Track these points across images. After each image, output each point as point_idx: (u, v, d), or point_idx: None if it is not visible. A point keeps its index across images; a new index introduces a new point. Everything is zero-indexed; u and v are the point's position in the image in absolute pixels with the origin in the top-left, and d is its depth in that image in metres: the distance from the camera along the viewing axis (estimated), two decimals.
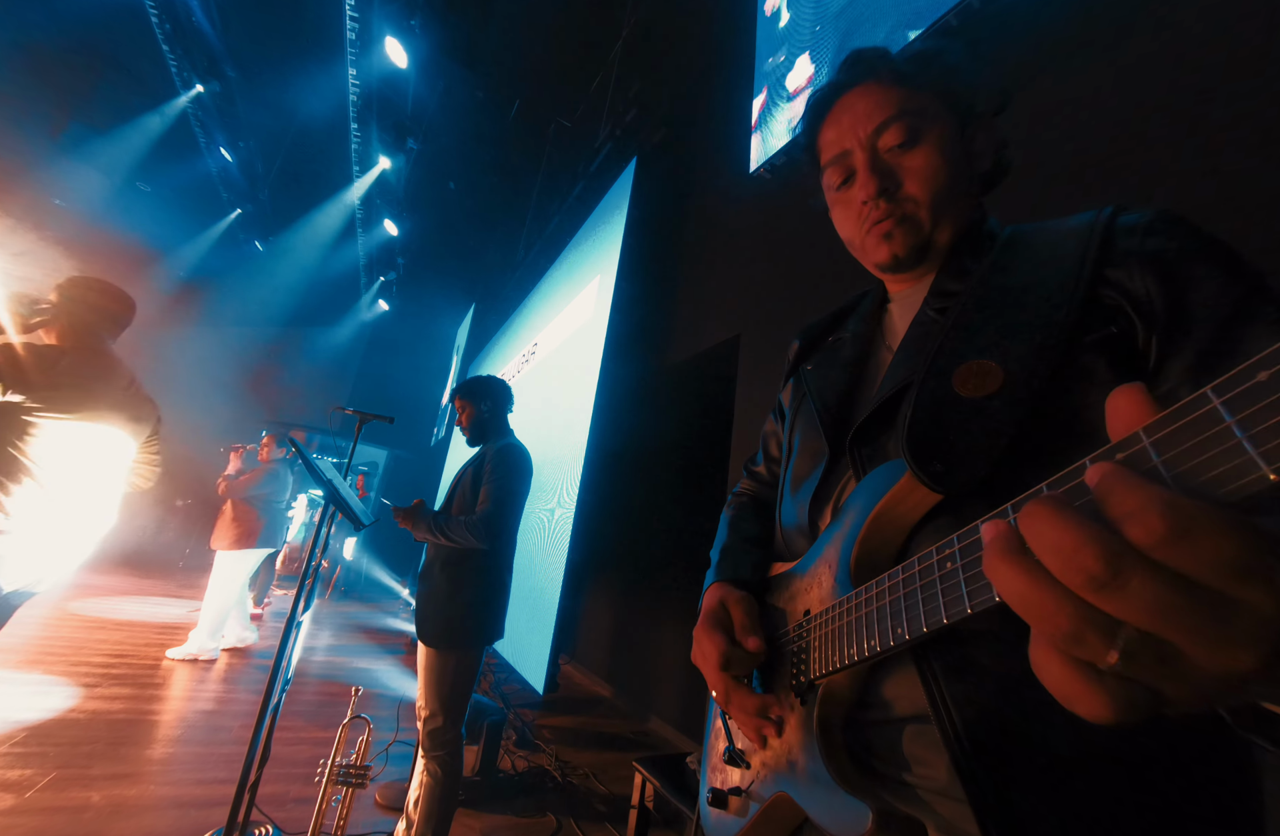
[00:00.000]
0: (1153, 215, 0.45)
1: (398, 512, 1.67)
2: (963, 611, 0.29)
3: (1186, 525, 0.18)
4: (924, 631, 0.33)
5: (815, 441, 0.58)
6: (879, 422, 0.51)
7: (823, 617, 0.46)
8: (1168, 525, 0.18)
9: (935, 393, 0.45)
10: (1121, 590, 0.18)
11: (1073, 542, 0.19)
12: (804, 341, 0.71)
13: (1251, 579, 0.17)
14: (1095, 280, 0.44)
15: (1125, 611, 0.19)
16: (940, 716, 0.40)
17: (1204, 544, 0.17)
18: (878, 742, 0.46)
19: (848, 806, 0.40)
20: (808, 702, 0.47)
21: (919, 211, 0.54)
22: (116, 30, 6.43)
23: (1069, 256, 0.46)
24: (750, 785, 0.53)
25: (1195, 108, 1.30)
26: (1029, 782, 0.37)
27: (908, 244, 0.55)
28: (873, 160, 0.55)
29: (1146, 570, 0.18)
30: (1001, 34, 1.84)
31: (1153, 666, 0.19)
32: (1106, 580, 0.18)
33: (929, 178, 0.53)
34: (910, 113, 0.54)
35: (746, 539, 0.68)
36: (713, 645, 0.53)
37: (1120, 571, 0.18)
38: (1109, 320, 0.42)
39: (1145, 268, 0.42)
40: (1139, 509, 0.18)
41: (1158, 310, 0.41)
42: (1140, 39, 1.46)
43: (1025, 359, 0.43)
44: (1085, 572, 0.19)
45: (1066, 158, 1.56)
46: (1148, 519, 0.18)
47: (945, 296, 0.53)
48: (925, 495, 0.42)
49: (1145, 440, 0.21)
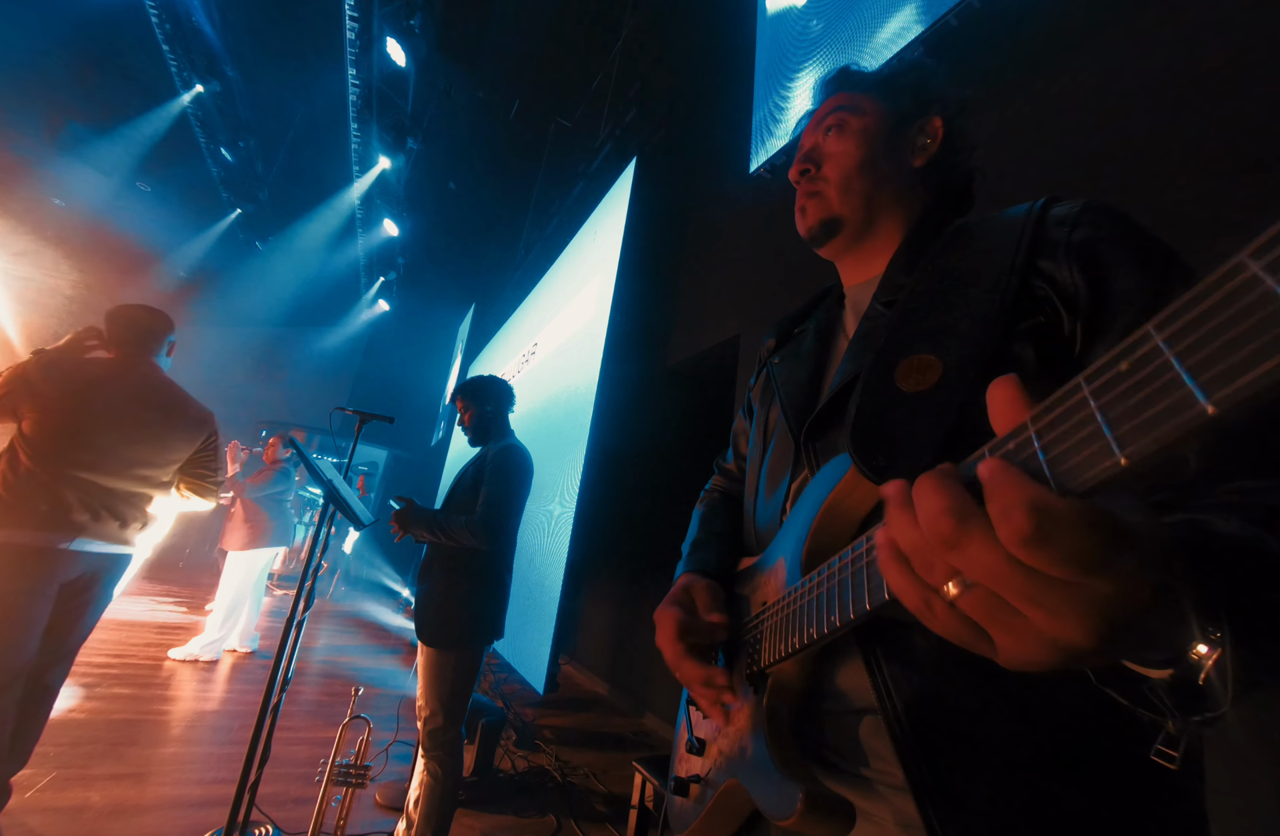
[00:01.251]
0: (1081, 206, 0.46)
1: (397, 514, 1.67)
2: (881, 597, 0.31)
3: (1049, 528, 0.20)
4: (851, 618, 0.34)
5: (786, 437, 0.58)
6: (830, 417, 0.53)
7: (774, 607, 0.47)
8: (1032, 526, 0.20)
9: (879, 388, 0.47)
10: (965, 552, 0.22)
11: (936, 508, 0.23)
12: (776, 335, 0.72)
13: (1098, 572, 0.20)
14: (1026, 270, 0.45)
15: (967, 570, 0.22)
16: (881, 697, 0.41)
17: (1062, 544, 0.20)
18: (835, 736, 0.47)
19: (782, 788, 0.41)
20: (759, 691, 0.48)
21: (827, 189, 0.60)
22: (116, 30, 6.43)
23: (1004, 248, 0.48)
24: (708, 773, 0.54)
25: (1196, 108, 1.30)
26: (966, 763, 0.38)
27: (816, 217, 0.61)
28: (809, 148, 0.63)
29: (986, 540, 0.21)
30: (1001, 34, 1.84)
31: (984, 611, 0.23)
32: (954, 542, 0.22)
33: (840, 160, 0.59)
34: (845, 107, 0.61)
35: (715, 534, 0.69)
36: (669, 617, 0.54)
37: (963, 537, 0.22)
38: (1038, 310, 0.43)
39: (1071, 258, 0.43)
40: (1010, 507, 0.21)
41: (1081, 299, 0.42)
42: (1140, 39, 1.46)
43: (962, 351, 0.44)
44: (939, 534, 0.23)
45: (1066, 156, 1.56)
46: (1015, 517, 0.20)
47: (893, 290, 0.54)
48: (870, 489, 0.43)
49: (1031, 429, 0.23)
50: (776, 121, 2.86)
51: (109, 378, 1.61)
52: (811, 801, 0.38)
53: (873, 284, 0.59)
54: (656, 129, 4.39)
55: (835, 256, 0.65)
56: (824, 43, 2.61)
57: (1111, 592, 0.20)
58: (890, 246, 0.59)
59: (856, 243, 0.61)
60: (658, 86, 4.69)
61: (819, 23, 2.68)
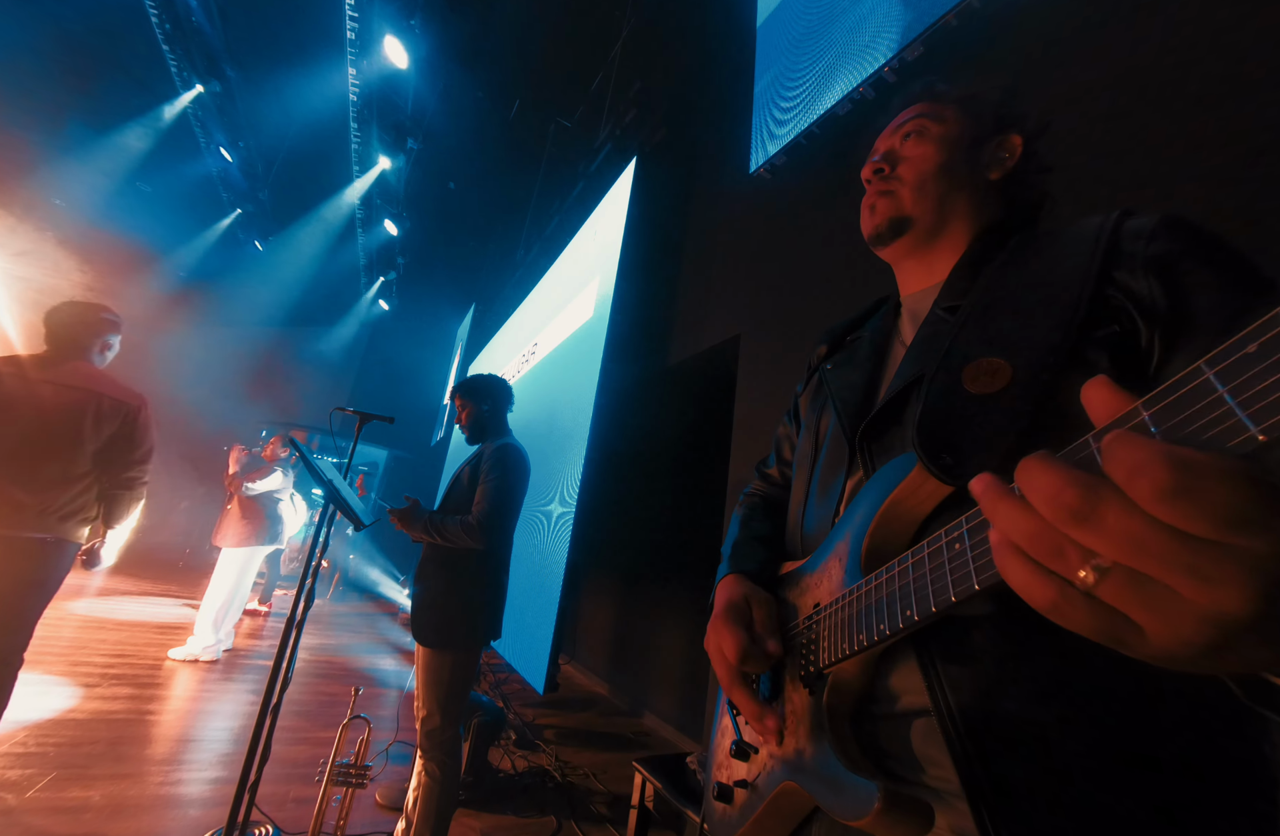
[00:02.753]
0: (1158, 219, 0.46)
1: (393, 514, 1.67)
2: (970, 588, 0.30)
3: (1192, 476, 0.18)
4: (932, 611, 0.33)
5: (839, 439, 0.58)
6: (888, 419, 0.53)
7: (832, 608, 0.47)
8: (1173, 477, 0.18)
9: (945, 388, 0.47)
10: (1101, 522, 0.20)
11: (1056, 483, 0.21)
12: (828, 342, 0.73)
13: (1250, 527, 0.18)
14: (1102, 280, 0.45)
15: (1102, 544, 0.20)
16: (936, 698, 0.41)
17: (1209, 496, 0.18)
18: (890, 742, 0.46)
19: (855, 787, 0.39)
20: (816, 692, 0.47)
21: (901, 189, 0.61)
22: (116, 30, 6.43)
23: (1078, 258, 0.48)
24: (757, 778, 0.53)
25: (1197, 107, 1.30)
26: (1025, 769, 0.37)
27: (885, 215, 0.61)
28: (885, 149, 0.64)
29: (1122, 505, 0.20)
30: (1002, 34, 1.84)
31: (1128, 593, 0.20)
32: (1086, 513, 0.20)
33: (918, 164, 0.61)
34: (927, 115, 0.63)
35: (756, 536, 0.69)
36: (733, 639, 0.52)
37: (1097, 506, 0.20)
38: (1113, 319, 0.43)
39: (1149, 270, 0.43)
40: (1145, 462, 0.19)
41: (1160, 311, 0.42)
42: (1140, 39, 1.46)
43: (1033, 356, 0.44)
44: (1066, 508, 0.21)
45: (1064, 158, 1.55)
46: (1154, 471, 0.19)
47: (956, 296, 0.55)
48: (936, 487, 0.43)
49: (1144, 413, 0.22)
50: (777, 121, 2.85)
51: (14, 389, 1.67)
52: (891, 799, 0.37)
53: (932, 292, 0.60)
54: (656, 129, 4.39)
55: (897, 259, 0.65)
56: (823, 42, 2.61)
57: (1268, 552, 0.18)
58: (954, 254, 0.60)
59: (921, 246, 0.62)
60: (658, 86, 4.69)
61: (818, 22, 2.67)
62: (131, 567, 6.80)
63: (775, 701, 0.52)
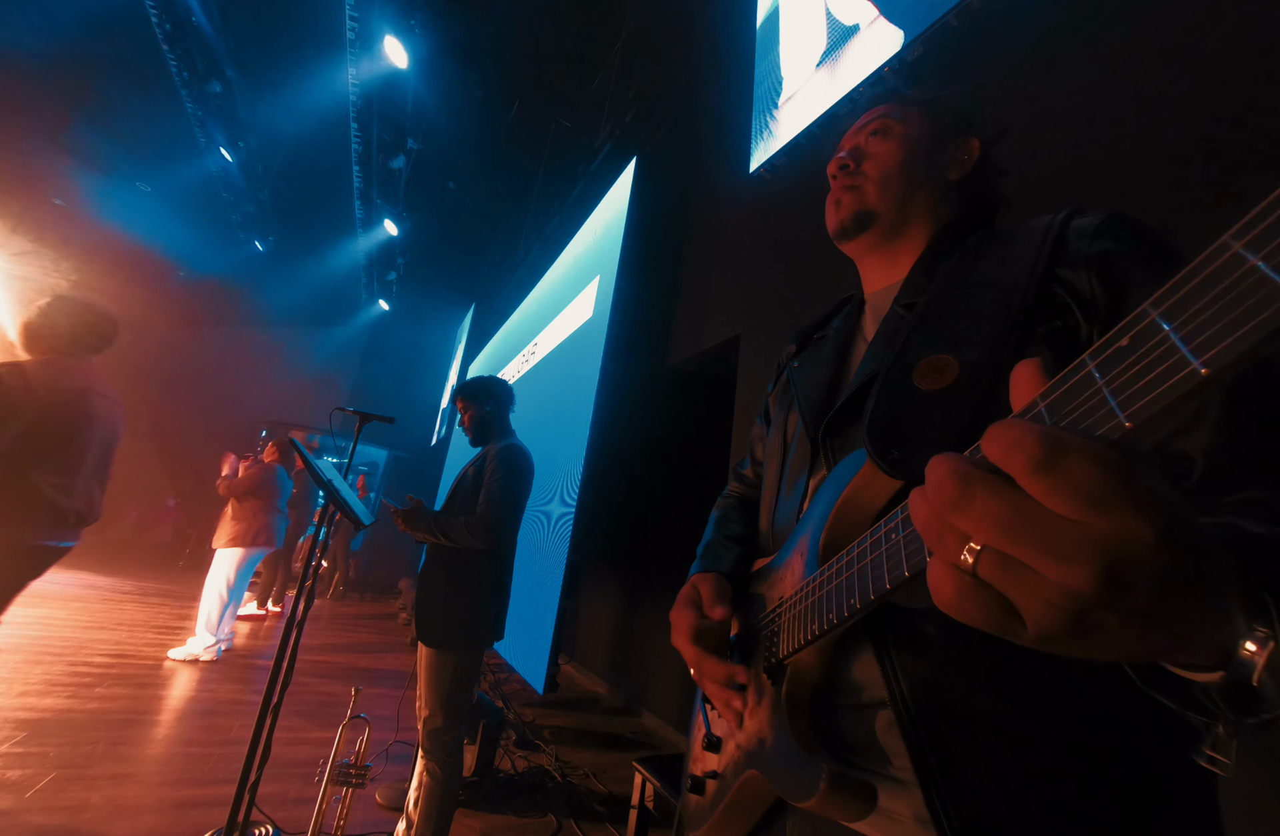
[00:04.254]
0: (1102, 218, 0.48)
1: (397, 515, 1.67)
2: (901, 575, 0.32)
3: (1061, 452, 0.20)
4: (871, 599, 0.35)
5: (804, 436, 0.60)
6: (848, 416, 0.54)
7: (792, 600, 0.48)
8: (1044, 451, 0.20)
9: (896, 386, 0.48)
10: (970, 506, 0.22)
11: (939, 474, 0.23)
12: (797, 341, 0.75)
13: (1103, 507, 0.20)
14: (1047, 278, 0.47)
15: (972, 525, 0.22)
16: (891, 689, 0.42)
17: (1073, 471, 0.20)
18: (854, 734, 0.47)
19: (804, 768, 0.41)
20: (776, 682, 0.49)
21: (866, 184, 0.63)
22: (116, 30, 6.42)
23: (1026, 256, 0.49)
24: (725, 768, 0.55)
25: (1199, 106, 1.30)
26: (973, 754, 0.38)
27: (850, 210, 0.63)
28: (850, 148, 0.66)
29: (989, 489, 0.22)
30: (1002, 34, 1.84)
31: (1001, 573, 0.22)
32: (957, 498, 0.22)
33: (883, 161, 0.63)
34: (892, 115, 0.65)
35: (729, 536, 0.71)
36: (683, 619, 0.57)
37: (968, 490, 0.22)
38: (1056, 315, 0.45)
39: (1090, 267, 0.45)
40: (1021, 438, 0.21)
41: (1099, 307, 0.44)
42: (1140, 38, 1.46)
43: (979, 352, 0.46)
44: (944, 496, 0.23)
45: (1062, 158, 1.55)
46: (1028, 444, 0.21)
47: (914, 293, 0.56)
48: (886, 482, 0.44)
49: (1040, 404, 0.24)
50: (777, 121, 2.85)
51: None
52: (835, 781, 0.38)
53: (893, 290, 0.62)
54: (656, 129, 4.39)
55: (860, 254, 0.67)
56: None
57: (1114, 532, 0.20)
58: (914, 252, 0.61)
59: (884, 242, 0.63)
60: (657, 86, 4.69)
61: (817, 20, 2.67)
62: (131, 568, 6.80)
63: (738, 669, 0.54)
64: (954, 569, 0.23)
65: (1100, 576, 0.20)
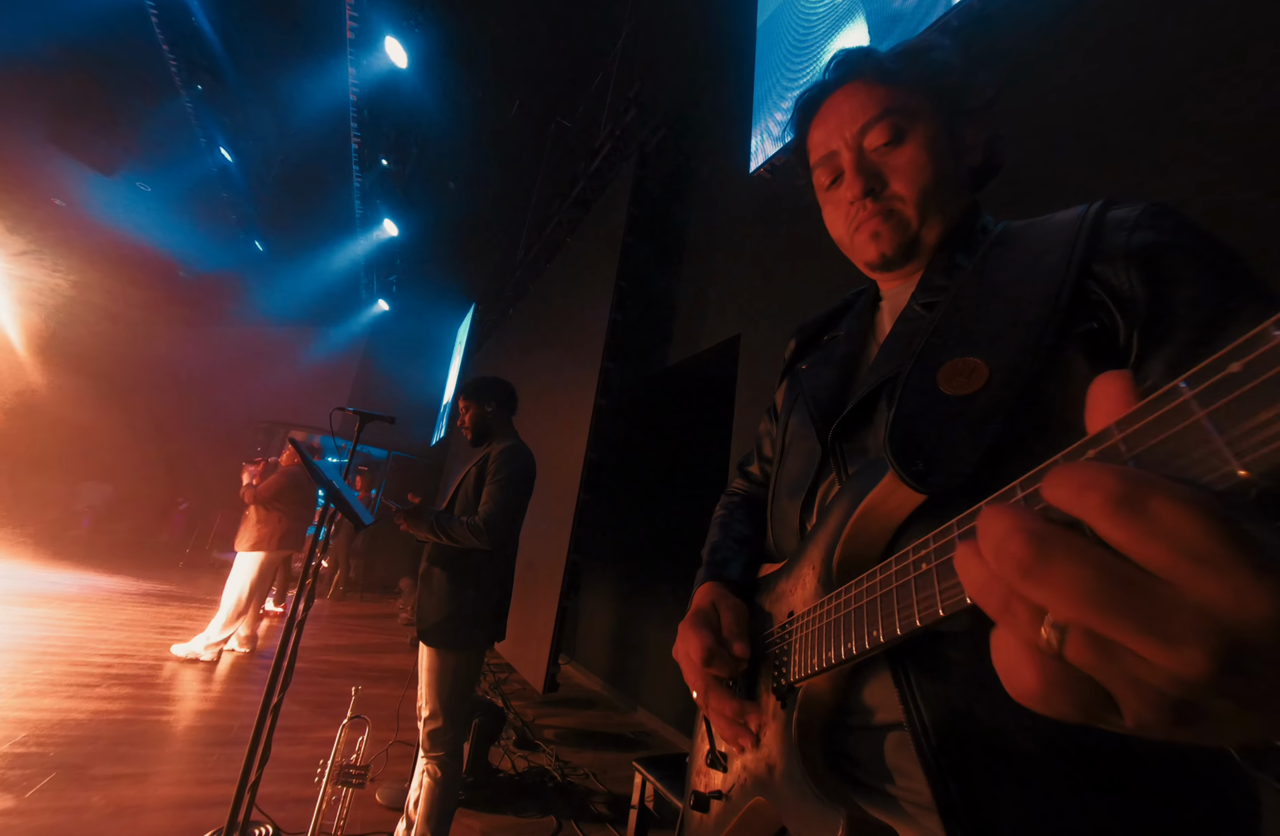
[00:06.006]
0: (1142, 209, 0.44)
1: (399, 514, 1.67)
2: (934, 613, 0.29)
3: (1143, 493, 0.16)
4: (898, 634, 0.32)
5: (808, 440, 0.57)
6: (860, 420, 0.51)
7: (804, 619, 0.46)
8: (1128, 487, 0.16)
9: (919, 390, 0.45)
10: (1048, 573, 0.17)
11: (1004, 529, 0.18)
12: (800, 340, 0.71)
13: (1212, 567, 0.15)
14: (1082, 274, 0.43)
15: (1050, 596, 0.17)
16: (910, 712, 0.39)
17: (1167, 516, 0.16)
18: (860, 751, 0.45)
19: (820, 812, 0.39)
20: (788, 706, 0.46)
21: (906, 209, 0.53)
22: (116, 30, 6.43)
23: (1057, 251, 0.45)
24: (731, 789, 0.52)
25: (1198, 105, 1.30)
26: (997, 784, 0.36)
27: (895, 242, 0.54)
28: (859, 160, 0.55)
29: (1072, 552, 0.17)
30: (1002, 34, 1.84)
31: (1095, 657, 0.17)
32: (1031, 564, 0.17)
33: (915, 175, 0.53)
34: (895, 111, 0.54)
35: (736, 539, 0.67)
36: (697, 641, 0.51)
37: (1043, 553, 0.17)
38: (1091, 315, 0.41)
39: (1131, 263, 0.41)
40: (1093, 478, 0.17)
41: (1140, 307, 0.40)
42: (1140, 37, 1.46)
43: (1010, 356, 0.42)
44: (1012, 558, 0.18)
45: (1070, 153, 1.55)
46: (1103, 482, 0.17)
47: (932, 292, 0.52)
48: (908, 495, 0.41)
49: (1118, 435, 0.19)
50: (777, 121, 2.85)
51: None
52: (854, 828, 0.36)
53: (910, 287, 0.57)
54: (656, 129, 4.39)
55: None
56: (824, 41, 2.61)
57: (1228, 603, 0.15)
58: (931, 244, 0.56)
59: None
60: (658, 86, 4.69)
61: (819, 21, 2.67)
62: (131, 568, 6.80)
63: (750, 707, 0.51)
64: (1035, 651, 0.19)
65: (1216, 663, 0.16)
